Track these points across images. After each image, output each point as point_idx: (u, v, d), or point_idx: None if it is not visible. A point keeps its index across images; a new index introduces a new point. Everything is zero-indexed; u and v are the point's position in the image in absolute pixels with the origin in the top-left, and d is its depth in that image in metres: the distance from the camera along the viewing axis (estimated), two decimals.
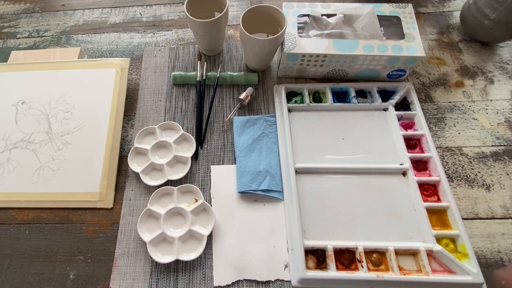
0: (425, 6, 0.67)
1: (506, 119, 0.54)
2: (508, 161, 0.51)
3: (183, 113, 0.57)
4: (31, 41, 0.68)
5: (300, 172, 0.49)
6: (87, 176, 0.51)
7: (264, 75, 0.60)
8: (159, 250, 0.45)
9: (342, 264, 0.43)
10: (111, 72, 0.57)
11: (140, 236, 0.45)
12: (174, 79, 0.59)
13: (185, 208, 0.47)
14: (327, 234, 0.45)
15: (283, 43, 0.53)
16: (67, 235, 0.48)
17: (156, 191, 0.48)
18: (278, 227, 0.47)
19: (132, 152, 0.52)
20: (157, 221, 0.47)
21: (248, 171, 0.50)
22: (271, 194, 0.48)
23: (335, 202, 0.47)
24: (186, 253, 0.44)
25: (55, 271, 0.46)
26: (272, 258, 0.44)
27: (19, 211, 0.51)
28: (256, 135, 0.53)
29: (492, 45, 0.61)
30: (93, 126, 0.54)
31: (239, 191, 0.49)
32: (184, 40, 0.66)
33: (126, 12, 0.71)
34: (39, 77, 0.58)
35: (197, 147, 0.53)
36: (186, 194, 0.49)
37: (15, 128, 0.55)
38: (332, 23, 0.54)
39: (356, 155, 0.50)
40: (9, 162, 0.53)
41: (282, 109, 0.53)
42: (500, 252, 0.44)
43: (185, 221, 0.47)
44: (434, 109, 0.55)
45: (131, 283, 0.44)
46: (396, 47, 0.51)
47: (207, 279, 0.44)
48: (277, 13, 0.52)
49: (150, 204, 0.47)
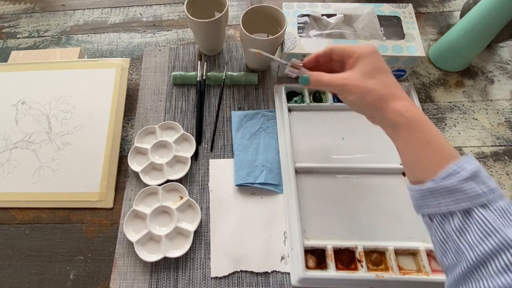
0: (425, 6, 0.67)
1: (506, 119, 0.54)
2: (508, 161, 0.51)
3: (183, 113, 0.57)
4: (31, 41, 0.68)
5: (300, 172, 0.49)
6: (87, 176, 0.51)
7: (264, 75, 0.60)
8: (147, 249, 0.45)
9: (342, 264, 0.43)
10: (111, 72, 0.57)
11: (126, 236, 0.46)
12: (174, 79, 0.59)
13: (171, 206, 0.47)
14: (327, 234, 0.45)
15: (283, 43, 0.53)
16: (67, 235, 0.48)
17: (141, 191, 0.48)
18: (275, 220, 0.47)
19: (132, 152, 0.52)
20: (143, 221, 0.47)
21: (246, 164, 0.50)
22: (268, 187, 0.49)
23: (335, 202, 0.47)
24: (174, 250, 0.45)
25: (55, 271, 0.46)
26: (269, 250, 0.45)
27: (19, 211, 0.51)
28: (254, 129, 0.53)
29: (492, 45, 0.61)
30: (93, 126, 0.54)
31: (236, 184, 0.49)
32: (184, 40, 0.66)
33: (126, 12, 0.71)
34: (39, 77, 0.58)
35: (197, 147, 0.53)
36: (171, 192, 0.49)
37: (15, 128, 0.55)
38: (332, 23, 0.54)
39: (356, 155, 0.50)
40: (9, 162, 0.53)
41: (282, 109, 0.53)
42: None
43: (171, 219, 0.47)
44: (434, 109, 0.55)
45: (131, 283, 0.44)
46: (396, 47, 0.51)
47: (207, 279, 0.44)
48: (277, 13, 0.52)
49: (135, 204, 0.47)
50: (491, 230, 0.26)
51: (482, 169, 0.28)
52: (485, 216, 0.26)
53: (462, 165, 0.28)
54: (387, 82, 0.34)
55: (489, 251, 0.25)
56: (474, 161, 0.29)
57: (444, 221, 0.29)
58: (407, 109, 0.32)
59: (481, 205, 0.27)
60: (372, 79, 0.34)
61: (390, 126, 0.34)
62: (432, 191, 0.29)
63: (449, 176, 0.28)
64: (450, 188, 0.28)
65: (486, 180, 0.28)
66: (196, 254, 0.46)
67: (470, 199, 0.27)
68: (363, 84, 0.34)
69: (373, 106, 0.34)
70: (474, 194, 0.27)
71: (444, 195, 0.28)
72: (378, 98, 0.34)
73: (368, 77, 0.34)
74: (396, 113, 0.33)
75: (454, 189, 0.28)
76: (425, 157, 0.31)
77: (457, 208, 0.28)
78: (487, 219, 0.26)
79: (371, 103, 0.34)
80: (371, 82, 0.34)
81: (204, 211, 0.49)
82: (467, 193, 0.27)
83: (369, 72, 0.34)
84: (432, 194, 0.29)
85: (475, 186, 0.27)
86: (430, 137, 0.31)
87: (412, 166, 0.32)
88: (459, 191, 0.28)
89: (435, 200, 0.29)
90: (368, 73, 0.34)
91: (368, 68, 0.35)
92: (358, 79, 0.34)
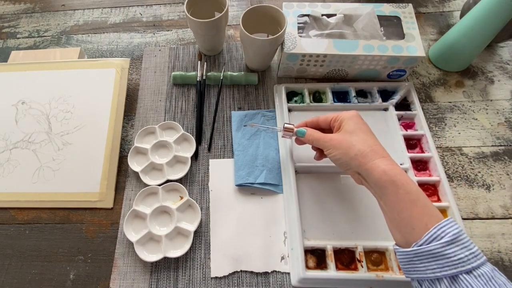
0: (425, 6, 0.67)
1: (506, 119, 0.54)
2: (508, 161, 0.51)
3: (183, 113, 0.57)
4: (31, 41, 0.68)
5: (300, 172, 0.49)
6: (87, 176, 0.51)
7: (264, 75, 0.60)
8: (147, 249, 0.45)
9: (342, 264, 0.43)
10: (111, 72, 0.57)
11: (127, 236, 0.46)
12: (174, 79, 0.59)
13: (171, 206, 0.47)
14: (327, 234, 0.45)
15: (283, 43, 0.53)
16: (67, 235, 0.48)
17: (141, 191, 0.48)
18: (275, 220, 0.47)
19: (132, 151, 0.52)
20: (143, 221, 0.47)
21: (246, 164, 0.50)
22: (268, 187, 0.49)
23: (335, 202, 0.47)
24: (174, 250, 0.45)
25: (55, 271, 0.46)
26: (269, 250, 0.45)
27: (19, 211, 0.51)
28: (254, 129, 0.53)
29: (492, 45, 0.61)
30: (93, 126, 0.54)
31: (236, 184, 0.49)
32: (184, 40, 0.66)
33: (126, 12, 0.71)
34: (39, 77, 0.58)
35: (197, 147, 0.53)
36: (171, 192, 0.49)
37: (15, 128, 0.55)
38: (332, 23, 0.54)
39: None
40: (9, 162, 0.53)
41: (282, 108, 0.53)
42: (500, 252, 0.44)
43: (171, 219, 0.47)
44: (434, 109, 0.55)
45: (131, 283, 0.44)
46: (396, 47, 0.51)
47: (207, 279, 0.44)
48: (277, 13, 0.52)
49: (135, 204, 0.47)
50: None
51: (464, 232, 0.29)
52: (471, 284, 0.27)
53: (444, 228, 0.29)
54: (368, 140, 0.37)
55: None
56: (455, 225, 0.30)
57: (432, 286, 0.30)
58: (390, 168, 0.34)
59: (466, 272, 0.28)
60: (355, 137, 0.38)
61: (376, 185, 0.35)
62: (417, 255, 0.30)
63: (432, 240, 0.29)
64: (434, 253, 0.29)
65: (467, 244, 0.29)
66: (196, 254, 0.46)
67: (455, 265, 0.28)
68: (346, 140, 0.38)
69: (356, 161, 0.36)
70: (458, 260, 0.28)
71: (429, 260, 0.29)
72: (361, 154, 0.36)
73: (351, 135, 0.38)
74: (380, 172, 0.34)
75: (438, 253, 0.29)
76: (412, 217, 0.31)
77: (443, 275, 0.28)
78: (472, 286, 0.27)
79: (354, 158, 0.36)
80: (354, 139, 0.37)
81: (204, 211, 0.49)
82: (450, 259, 0.28)
83: (352, 131, 0.38)
84: (418, 259, 0.30)
85: (457, 251, 0.28)
86: (417, 197, 0.32)
87: (398, 225, 0.33)
88: (443, 256, 0.28)
89: (422, 264, 0.30)
90: (351, 132, 0.38)
91: (351, 128, 0.39)
92: (342, 137, 0.39)
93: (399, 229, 0.33)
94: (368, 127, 0.40)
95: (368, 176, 0.35)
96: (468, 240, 0.29)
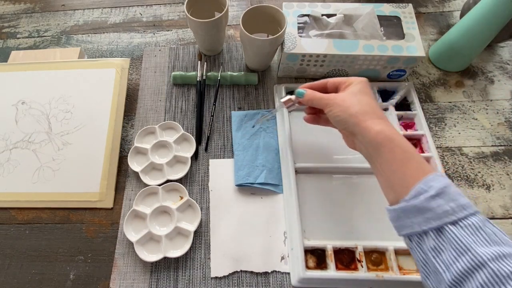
0: (425, 6, 0.67)
1: (506, 119, 0.54)
2: (508, 161, 0.51)
3: (183, 113, 0.57)
4: (31, 41, 0.68)
5: (300, 172, 0.49)
6: (87, 176, 0.51)
7: (264, 75, 0.60)
8: (147, 249, 0.45)
9: (342, 264, 0.43)
10: (111, 72, 0.57)
11: (127, 236, 0.45)
12: (174, 79, 0.59)
13: (171, 206, 0.47)
14: (326, 233, 0.45)
15: (283, 43, 0.53)
16: (67, 235, 0.48)
17: (141, 191, 0.48)
18: (275, 220, 0.47)
19: (132, 151, 0.52)
20: (143, 221, 0.47)
21: (246, 164, 0.50)
22: (268, 187, 0.49)
23: (335, 202, 0.47)
24: (174, 250, 0.45)
25: (55, 271, 0.46)
26: (269, 250, 0.45)
27: (19, 211, 0.51)
28: (254, 129, 0.53)
29: (492, 45, 0.61)
30: (93, 126, 0.54)
31: (236, 184, 0.49)
32: (184, 40, 0.66)
33: (126, 12, 0.71)
34: (39, 77, 0.58)
35: (197, 147, 0.53)
36: (171, 192, 0.49)
37: (15, 128, 0.55)
38: (332, 23, 0.54)
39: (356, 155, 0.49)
40: (9, 162, 0.53)
41: (282, 108, 0.53)
42: None
43: (171, 219, 0.47)
44: (434, 109, 0.55)
45: (131, 283, 0.44)
46: (396, 47, 0.51)
47: (207, 279, 0.44)
48: (277, 13, 0.52)
49: (135, 204, 0.47)
50: (463, 249, 0.26)
51: (452, 185, 0.29)
52: (456, 234, 0.26)
53: (430, 183, 0.29)
54: (370, 102, 0.38)
55: (463, 270, 0.25)
56: (443, 179, 0.29)
57: (421, 240, 0.29)
58: (388, 128, 0.34)
59: (451, 223, 0.27)
60: (359, 97, 0.38)
61: (371, 144, 0.35)
62: (404, 210, 0.30)
63: (418, 194, 0.29)
64: (419, 207, 0.29)
65: (456, 196, 0.28)
66: (196, 254, 0.46)
67: (439, 217, 0.27)
68: (349, 99, 0.38)
69: (355, 118, 0.36)
70: (442, 212, 0.27)
71: (415, 214, 0.29)
72: (360, 113, 0.36)
73: (356, 95, 0.38)
74: (378, 130, 0.34)
75: (423, 207, 0.28)
76: (407, 175, 0.31)
77: (429, 227, 0.28)
78: (458, 237, 0.26)
79: (353, 115, 0.36)
80: (357, 98, 0.38)
81: (204, 211, 0.49)
82: (435, 211, 0.28)
83: (356, 93, 0.38)
84: (405, 214, 0.30)
85: (443, 203, 0.28)
86: (412, 156, 0.32)
87: (393, 184, 0.33)
88: (428, 209, 0.28)
89: (409, 220, 0.30)
90: (355, 93, 0.38)
91: (356, 90, 0.38)
92: (347, 96, 0.39)
93: (393, 188, 0.32)
94: (372, 92, 0.40)
95: (364, 135, 0.35)
96: (456, 193, 0.28)
